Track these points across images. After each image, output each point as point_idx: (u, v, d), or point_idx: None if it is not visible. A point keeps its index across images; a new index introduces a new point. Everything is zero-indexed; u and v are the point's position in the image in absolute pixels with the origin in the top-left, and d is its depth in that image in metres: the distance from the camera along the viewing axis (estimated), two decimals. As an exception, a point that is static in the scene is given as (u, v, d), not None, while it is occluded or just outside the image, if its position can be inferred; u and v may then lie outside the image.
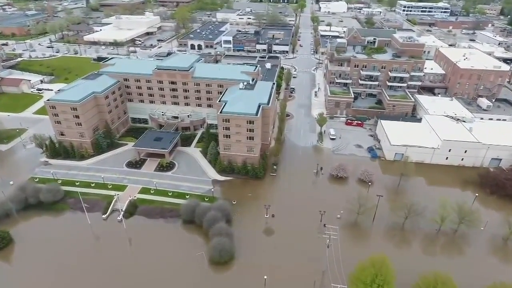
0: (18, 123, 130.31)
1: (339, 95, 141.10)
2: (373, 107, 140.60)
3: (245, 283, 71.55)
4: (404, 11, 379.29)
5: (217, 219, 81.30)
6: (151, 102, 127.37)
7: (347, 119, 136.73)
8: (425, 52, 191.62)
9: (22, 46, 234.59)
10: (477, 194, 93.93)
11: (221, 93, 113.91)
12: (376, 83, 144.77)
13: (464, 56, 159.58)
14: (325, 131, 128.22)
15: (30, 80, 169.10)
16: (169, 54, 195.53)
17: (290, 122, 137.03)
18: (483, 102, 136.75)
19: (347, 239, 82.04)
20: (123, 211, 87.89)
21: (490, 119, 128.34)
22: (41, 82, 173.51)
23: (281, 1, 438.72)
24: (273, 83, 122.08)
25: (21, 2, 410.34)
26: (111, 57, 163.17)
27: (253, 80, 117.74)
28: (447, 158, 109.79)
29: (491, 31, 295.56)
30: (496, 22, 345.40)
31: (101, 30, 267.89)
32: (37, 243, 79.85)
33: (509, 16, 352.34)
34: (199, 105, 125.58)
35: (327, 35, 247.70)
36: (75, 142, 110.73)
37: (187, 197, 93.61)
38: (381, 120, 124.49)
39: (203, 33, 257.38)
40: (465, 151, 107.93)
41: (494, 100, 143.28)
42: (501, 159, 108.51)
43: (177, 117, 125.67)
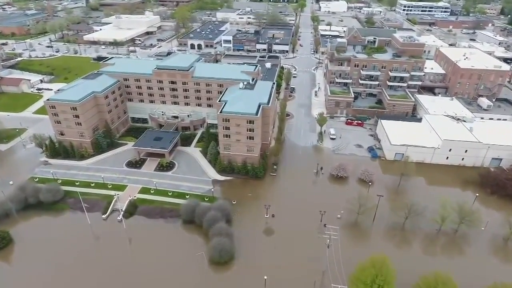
0: (18, 122, 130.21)
1: (339, 94, 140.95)
2: (373, 106, 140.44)
3: (245, 283, 71.45)
4: (404, 10, 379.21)
5: (217, 219, 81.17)
6: (151, 101, 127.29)
7: (347, 119, 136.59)
8: (425, 51, 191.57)
9: (22, 45, 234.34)
10: (477, 194, 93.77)
11: (221, 92, 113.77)
12: (376, 82, 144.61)
13: (464, 55, 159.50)
14: (325, 130, 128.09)
15: (30, 79, 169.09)
16: (169, 53, 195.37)
17: (290, 121, 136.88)
18: (484, 101, 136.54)
19: (347, 239, 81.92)
20: (123, 211, 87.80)
21: (490, 119, 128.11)
22: (41, 81, 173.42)
23: (281, 1, 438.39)
24: (273, 83, 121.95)
25: (21, 1, 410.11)
26: (111, 56, 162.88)
27: (253, 79, 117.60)
28: (447, 158, 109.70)
29: (492, 31, 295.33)
30: (496, 21, 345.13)
31: (101, 29, 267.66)
32: (37, 243, 79.73)
33: (509, 15, 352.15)
34: (199, 105, 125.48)
35: (327, 35, 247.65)
36: (75, 141, 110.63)
37: (187, 197, 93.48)
38: (382, 119, 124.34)
39: (203, 32, 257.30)
40: (466, 151, 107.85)
41: (494, 99, 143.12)
42: (501, 159, 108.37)
43: (177, 117, 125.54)
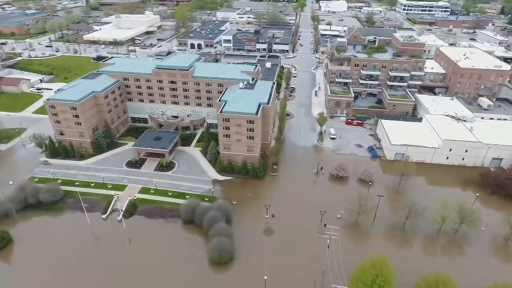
0: (17, 122, 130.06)
1: (340, 94, 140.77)
2: (373, 106, 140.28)
3: (245, 283, 71.34)
4: (404, 10, 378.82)
5: (217, 219, 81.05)
6: (151, 101, 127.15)
7: (348, 119, 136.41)
8: (425, 51, 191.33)
9: (21, 45, 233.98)
10: (478, 194, 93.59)
11: (221, 92, 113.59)
12: (376, 82, 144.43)
13: (464, 55, 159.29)
14: (325, 130, 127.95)
15: (29, 79, 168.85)
16: (169, 53, 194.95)
17: (290, 121, 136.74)
18: (484, 101, 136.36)
19: (348, 239, 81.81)
20: (123, 211, 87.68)
21: (491, 119, 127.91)
22: (41, 81, 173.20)
23: (281, 0, 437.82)
24: (273, 83, 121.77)
25: (21, 1, 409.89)
26: (111, 56, 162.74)
27: (253, 79, 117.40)
28: (447, 157, 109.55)
29: (492, 30, 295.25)
30: (496, 21, 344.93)
31: (100, 29, 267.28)
32: (36, 243, 79.63)
33: (509, 15, 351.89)
34: (199, 105, 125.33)
35: (327, 34, 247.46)
36: (75, 141, 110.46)
37: (187, 197, 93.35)
38: (382, 119, 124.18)
39: (203, 32, 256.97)
40: (466, 151, 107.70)
41: (494, 99, 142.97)
42: (502, 159, 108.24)
43: (177, 117, 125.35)
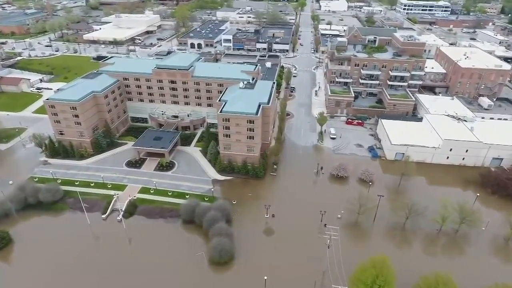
0: (17, 122, 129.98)
1: (340, 94, 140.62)
2: (373, 106, 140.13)
3: (245, 283, 71.26)
4: (404, 9, 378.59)
5: (217, 219, 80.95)
6: (151, 101, 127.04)
7: (348, 119, 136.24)
8: (425, 51, 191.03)
9: (21, 45, 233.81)
10: (478, 194, 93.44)
11: (221, 92, 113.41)
12: (376, 82, 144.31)
13: (465, 55, 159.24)
14: (325, 130, 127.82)
15: (29, 79, 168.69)
16: (169, 53, 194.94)
17: (290, 121, 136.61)
18: (484, 101, 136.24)
19: (348, 239, 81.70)
20: (122, 211, 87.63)
21: (491, 119, 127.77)
22: (41, 81, 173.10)
23: (281, 0, 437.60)
24: (273, 82, 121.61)
25: (21, 0, 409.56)
26: (111, 56, 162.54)
27: (253, 79, 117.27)
28: (448, 157, 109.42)
29: (492, 30, 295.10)
30: (496, 20, 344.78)
31: (100, 29, 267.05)
32: (36, 243, 79.54)
33: (509, 14, 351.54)
34: (199, 104, 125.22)
35: (328, 34, 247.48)
36: (75, 141, 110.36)
37: (187, 197, 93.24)
38: (382, 119, 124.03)
39: (203, 32, 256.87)
40: (466, 151, 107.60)
41: (495, 99, 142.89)
42: (502, 159, 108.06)
43: (177, 116, 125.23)
